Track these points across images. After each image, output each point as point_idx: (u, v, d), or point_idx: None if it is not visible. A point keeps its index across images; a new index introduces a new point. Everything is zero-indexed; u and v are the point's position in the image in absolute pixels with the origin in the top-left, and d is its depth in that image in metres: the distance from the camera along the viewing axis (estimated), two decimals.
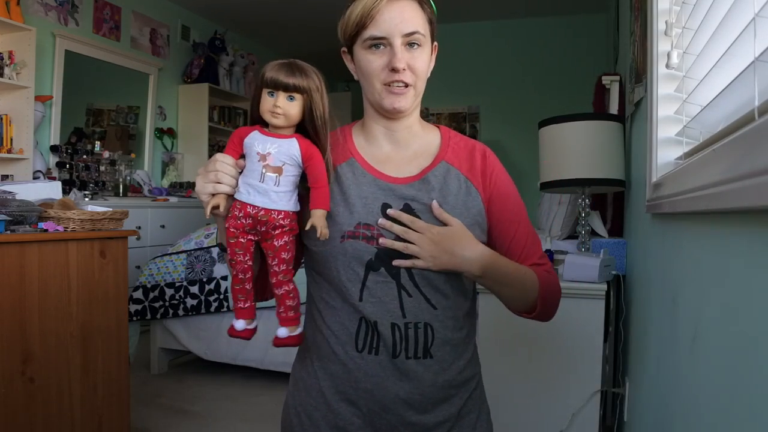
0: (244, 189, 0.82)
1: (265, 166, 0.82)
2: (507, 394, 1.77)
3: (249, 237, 0.83)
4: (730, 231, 0.65)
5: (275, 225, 0.82)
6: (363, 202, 0.90)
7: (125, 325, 1.94)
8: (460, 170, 0.95)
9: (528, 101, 5.01)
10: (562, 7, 4.82)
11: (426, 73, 0.93)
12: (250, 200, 0.82)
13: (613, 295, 1.85)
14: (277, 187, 0.82)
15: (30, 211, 1.73)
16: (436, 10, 0.94)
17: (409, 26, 0.87)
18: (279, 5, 4.92)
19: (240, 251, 0.84)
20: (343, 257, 0.88)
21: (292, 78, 0.81)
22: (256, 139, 0.83)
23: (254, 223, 0.82)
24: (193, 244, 2.98)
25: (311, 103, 0.83)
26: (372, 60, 0.89)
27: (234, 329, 0.88)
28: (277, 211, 0.82)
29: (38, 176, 3.45)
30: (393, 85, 0.89)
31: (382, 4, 0.87)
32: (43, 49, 3.66)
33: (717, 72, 0.78)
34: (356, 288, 0.88)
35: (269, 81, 0.82)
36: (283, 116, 0.82)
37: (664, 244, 1.18)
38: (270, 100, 0.82)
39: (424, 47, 0.90)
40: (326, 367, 0.93)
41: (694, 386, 0.80)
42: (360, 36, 0.89)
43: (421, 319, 0.88)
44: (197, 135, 4.95)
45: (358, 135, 0.98)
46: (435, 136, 0.99)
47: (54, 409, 1.70)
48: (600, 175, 1.88)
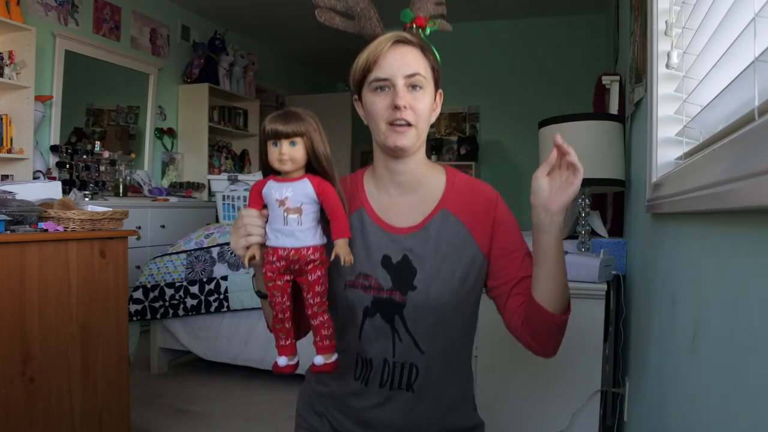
0: (272, 235, 0.90)
1: (286, 209, 0.90)
2: (507, 393, 1.77)
3: (285, 278, 0.91)
4: (730, 231, 0.65)
5: (307, 260, 0.90)
6: (366, 252, 1.01)
7: (125, 325, 1.94)
8: (459, 218, 1.01)
9: (528, 101, 5.01)
10: (562, 7, 4.82)
11: (428, 116, 0.99)
12: (279, 244, 0.90)
13: (613, 295, 1.85)
14: (301, 226, 0.90)
15: (30, 211, 1.73)
16: (439, 59, 1.01)
17: (410, 68, 0.95)
18: (279, 5, 4.92)
19: (278, 293, 0.91)
20: (344, 303, 1.00)
21: (289, 125, 0.89)
22: (273, 188, 0.91)
23: (287, 264, 0.90)
24: (193, 244, 2.98)
25: (312, 144, 0.90)
26: (377, 101, 0.96)
27: (278, 366, 0.95)
28: (305, 248, 0.90)
29: (38, 176, 3.45)
30: (395, 123, 0.95)
31: (386, 49, 0.95)
32: (43, 49, 3.66)
33: (717, 72, 0.78)
34: (355, 330, 1.00)
35: (270, 133, 0.89)
36: (290, 161, 0.90)
37: (664, 244, 1.18)
38: (275, 150, 0.90)
39: (426, 90, 0.97)
40: (319, 389, 1.10)
41: (693, 386, 0.80)
42: (366, 79, 0.97)
43: (407, 359, 0.99)
44: (197, 135, 4.95)
45: (368, 181, 1.07)
46: (440, 180, 1.05)
47: (54, 409, 1.70)
48: (600, 175, 1.88)
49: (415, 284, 0.99)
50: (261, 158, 0.94)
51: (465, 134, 5.27)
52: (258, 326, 2.80)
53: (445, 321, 0.99)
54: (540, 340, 0.99)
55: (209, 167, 5.00)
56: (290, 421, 2.38)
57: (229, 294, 2.81)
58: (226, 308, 2.82)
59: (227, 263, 2.86)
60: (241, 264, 0.80)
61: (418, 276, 0.99)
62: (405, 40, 0.97)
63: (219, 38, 5.12)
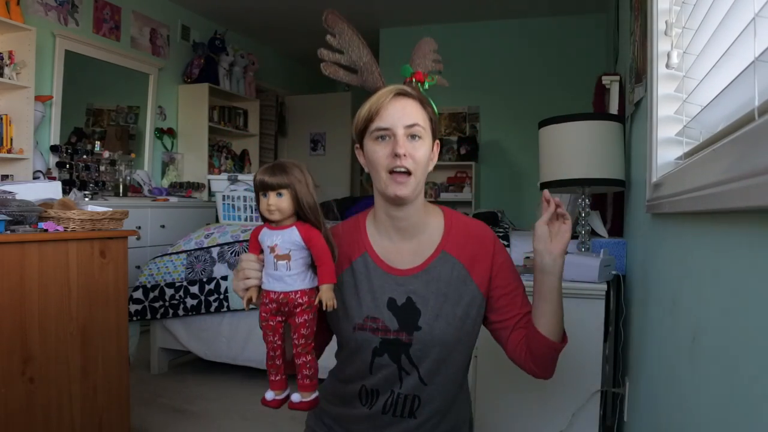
0: (266, 279, 0.97)
1: (276, 255, 0.96)
2: (507, 393, 1.77)
3: (277, 319, 0.98)
4: (731, 231, 0.65)
5: (295, 304, 0.96)
6: (372, 296, 1.08)
7: (125, 325, 1.94)
8: (458, 259, 1.08)
9: (528, 101, 5.01)
10: (562, 7, 4.82)
11: (426, 164, 1.05)
12: (270, 287, 0.96)
13: (613, 295, 1.85)
14: (290, 271, 0.96)
15: (30, 211, 1.73)
16: (437, 111, 1.09)
17: (410, 119, 1.01)
18: (279, 5, 4.92)
19: (270, 332, 0.98)
20: (354, 344, 1.07)
21: (275, 178, 0.96)
22: (266, 235, 0.98)
23: (278, 306, 0.96)
24: (193, 244, 2.98)
25: (297, 194, 0.96)
26: (378, 150, 1.03)
27: (265, 399, 1.01)
28: (293, 292, 0.96)
29: (38, 176, 3.44)
30: (396, 171, 1.01)
31: (387, 100, 1.01)
32: (43, 49, 3.66)
33: (717, 72, 0.78)
34: (365, 366, 1.08)
35: (259, 185, 0.97)
36: (277, 211, 0.96)
37: (664, 244, 1.18)
38: (264, 201, 0.97)
39: (424, 140, 1.04)
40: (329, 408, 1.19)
41: (693, 386, 0.80)
42: (368, 129, 1.04)
43: (411, 391, 1.07)
44: (197, 135, 4.95)
45: (370, 225, 1.14)
46: (439, 223, 1.12)
47: (54, 409, 1.70)
48: (600, 175, 1.88)
49: (419, 324, 1.06)
50: (259, 208, 1.01)
51: (465, 134, 5.27)
52: (258, 326, 2.80)
53: (447, 356, 1.07)
54: (542, 366, 1.09)
55: (209, 167, 5.00)
56: (290, 421, 2.39)
57: (229, 294, 2.81)
58: (226, 308, 2.82)
59: (227, 263, 2.86)
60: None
61: (422, 317, 1.06)
62: (405, 92, 1.04)
63: (219, 38, 5.12)
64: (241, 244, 2.89)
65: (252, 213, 3.25)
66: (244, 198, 3.25)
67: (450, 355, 1.08)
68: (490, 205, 4.96)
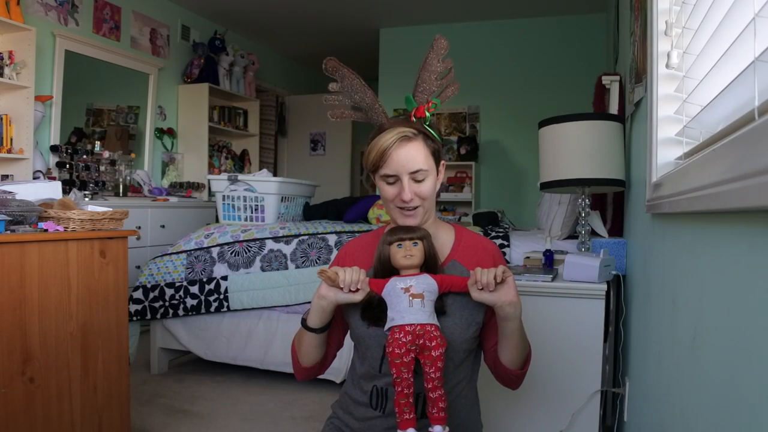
0: (398, 316, 1.02)
1: (411, 294, 1.03)
2: (508, 393, 1.77)
3: (411, 355, 1.01)
4: (730, 231, 0.65)
5: (431, 336, 1.01)
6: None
7: (125, 325, 1.94)
8: (467, 268, 1.15)
9: (528, 101, 5.01)
10: (562, 7, 4.82)
11: (433, 193, 1.14)
12: (406, 321, 1.01)
13: (613, 295, 1.85)
14: (424, 308, 1.03)
15: (30, 211, 1.73)
16: (440, 139, 1.18)
17: (414, 165, 1.09)
18: (279, 5, 4.92)
19: (405, 369, 1.01)
20: (369, 340, 1.14)
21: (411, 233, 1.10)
22: (396, 281, 1.06)
23: (414, 339, 1.01)
24: (193, 244, 2.98)
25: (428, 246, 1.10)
26: (387, 190, 1.13)
27: None
28: (429, 324, 1.02)
29: (38, 176, 3.44)
30: (404, 209, 1.12)
31: (392, 149, 1.09)
32: (43, 49, 3.66)
33: (717, 72, 0.78)
34: (377, 363, 1.14)
35: (394, 238, 1.09)
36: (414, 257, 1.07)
37: (664, 244, 1.18)
38: (400, 250, 1.08)
39: (429, 176, 1.12)
40: (344, 414, 1.24)
41: (693, 386, 0.80)
42: (377, 172, 1.12)
43: (420, 391, 1.08)
44: (197, 135, 4.95)
45: None
46: (449, 236, 1.22)
47: (54, 409, 1.70)
48: (600, 175, 1.88)
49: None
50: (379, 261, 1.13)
51: (465, 134, 5.27)
52: (258, 326, 2.80)
53: (455, 357, 1.13)
54: (507, 385, 1.23)
55: (209, 167, 5.00)
56: (290, 421, 2.39)
57: (229, 294, 2.81)
58: (226, 308, 2.82)
59: (227, 263, 2.86)
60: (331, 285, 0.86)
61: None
62: (407, 136, 1.10)
63: (219, 38, 5.12)
64: (241, 244, 2.89)
65: (252, 213, 3.25)
66: (243, 198, 3.25)
67: (458, 357, 1.14)
68: (490, 205, 4.96)
